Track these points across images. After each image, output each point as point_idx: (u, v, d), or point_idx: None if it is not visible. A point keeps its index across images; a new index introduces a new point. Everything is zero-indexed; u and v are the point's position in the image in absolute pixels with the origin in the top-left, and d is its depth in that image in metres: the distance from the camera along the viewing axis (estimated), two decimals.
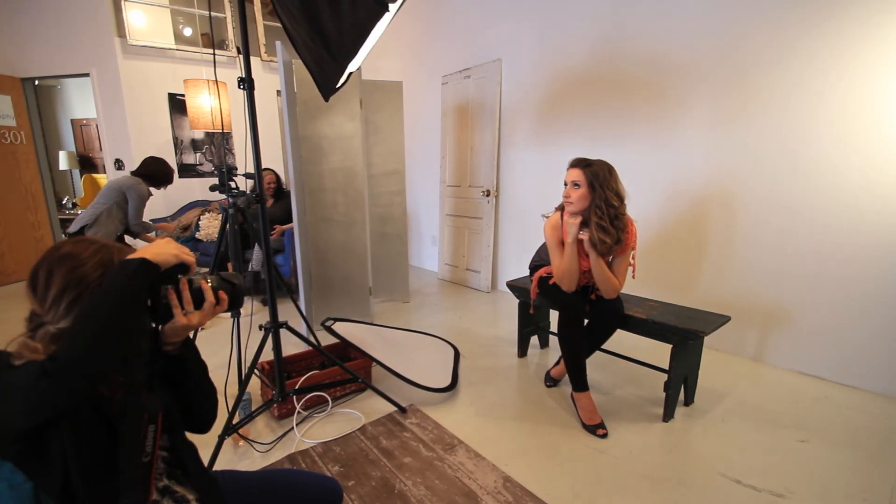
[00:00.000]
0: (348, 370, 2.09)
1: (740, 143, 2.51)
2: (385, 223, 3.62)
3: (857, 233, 2.19)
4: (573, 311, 1.98)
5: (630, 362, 2.30)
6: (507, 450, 1.81)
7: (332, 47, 1.61)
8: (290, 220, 3.41)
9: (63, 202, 6.48)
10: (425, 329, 3.01)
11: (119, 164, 4.49)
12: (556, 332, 2.04)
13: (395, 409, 2.08)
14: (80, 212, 3.52)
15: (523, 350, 2.67)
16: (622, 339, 2.34)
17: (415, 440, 1.87)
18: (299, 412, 2.03)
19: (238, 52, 5.01)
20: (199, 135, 4.80)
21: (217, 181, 2.02)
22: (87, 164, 7.00)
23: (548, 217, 2.06)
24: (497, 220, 3.98)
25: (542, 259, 2.26)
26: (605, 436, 1.88)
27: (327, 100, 2.23)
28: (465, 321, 3.31)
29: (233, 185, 2.07)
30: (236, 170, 2.12)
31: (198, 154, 4.79)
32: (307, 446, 1.83)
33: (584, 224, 1.90)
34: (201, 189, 4.79)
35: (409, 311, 3.56)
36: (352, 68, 2.08)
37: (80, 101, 6.73)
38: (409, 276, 3.88)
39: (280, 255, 3.70)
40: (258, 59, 5.00)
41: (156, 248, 0.77)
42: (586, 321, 2.11)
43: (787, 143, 2.35)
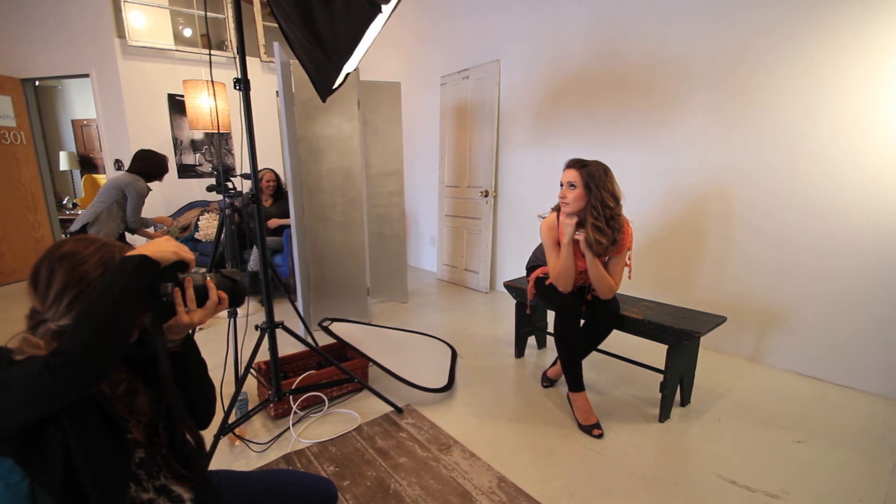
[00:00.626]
0: (344, 370, 2.09)
1: (737, 143, 2.51)
2: (383, 223, 3.62)
3: (854, 233, 2.19)
4: (569, 312, 1.98)
5: (627, 363, 2.30)
6: (502, 450, 1.82)
7: (328, 48, 1.62)
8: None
9: (63, 202, 6.49)
10: (423, 329, 3.02)
11: (119, 165, 4.50)
12: (553, 332, 2.04)
13: (391, 409, 2.09)
14: (80, 212, 3.54)
15: (520, 350, 2.67)
16: (619, 340, 2.35)
17: (410, 440, 1.88)
18: (296, 412, 2.03)
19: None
20: (198, 135, 4.81)
21: (215, 182, 2.02)
22: (88, 164, 7.01)
23: (544, 217, 2.06)
24: (495, 221, 3.99)
25: (538, 259, 2.27)
26: (600, 436, 1.88)
27: (324, 100, 2.24)
28: (463, 321, 3.32)
29: (230, 185, 2.08)
30: (233, 170, 2.13)
31: (197, 154, 4.79)
32: (303, 446, 1.83)
33: (580, 224, 1.91)
34: (200, 189, 4.79)
35: (407, 311, 3.57)
36: (349, 69, 2.08)
37: (80, 102, 6.74)
38: (408, 276, 3.88)
39: (278, 255, 3.71)
40: (257, 60, 5.01)
41: (155, 245, 0.78)
42: (582, 321, 2.11)
43: (785, 143, 2.35)
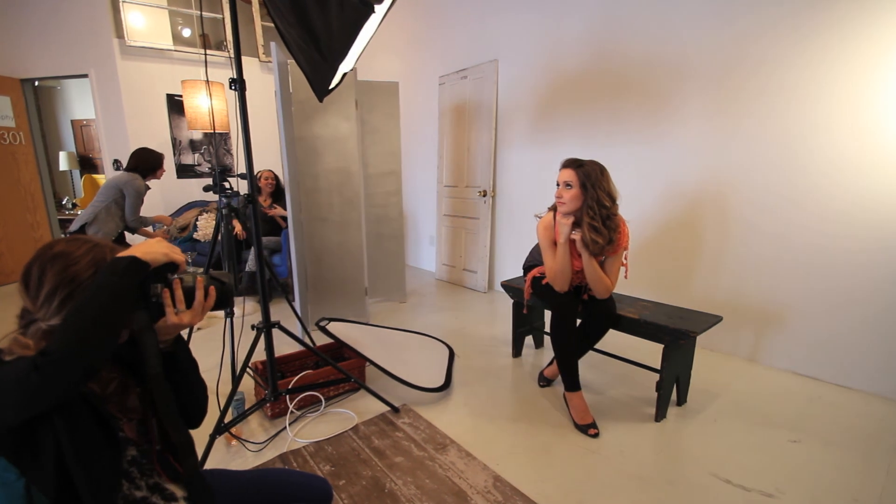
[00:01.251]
0: (341, 370, 2.10)
1: (735, 143, 2.51)
2: (381, 223, 3.63)
3: (851, 234, 2.19)
4: (566, 311, 1.98)
5: (623, 362, 2.30)
6: (498, 449, 1.82)
7: (323, 48, 1.62)
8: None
9: (63, 202, 6.50)
10: (421, 329, 3.02)
11: (117, 165, 4.51)
12: (549, 332, 2.04)
13: (388, 408, 2.09)
14: (79, 212, 3.55)
15: (518, 350, 2.67)
16: (616, 340, 2.35)
17: (407, 440, 1.88)
18: (292, 412, 2.04)
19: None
20: (197, 135, 4.81)
21: (212, 181, 2.03)
22: (88, 164, 7.02)
23: (541, 217, 2.07)
24: (494, 221, 3.99)
25: (535, 259, 2.27)
26: (596, 435, 1.88)
27: (321, 100, 2.24)
28: (461, 321, 3.32)
29: (226, 185, 2.08)
30: (229, 170, 2.13)
31: (196, 154, 4.80)
32: (299, 446, 1.84)
33: (577, 224, 1.91)
34: (199, 189, 4.79)
35: (405, 311, 3.57)
36: (346, 69, 2.09)
37: (80, 102, 6.74)
38: (407, 276, 3.89)
39: (277, 255, 3.71)
40: (256, 60, 5.01)
41: (146, 246, 0.78)
42: (579, 321, 2.11)
43: (782, 143, 2.35)
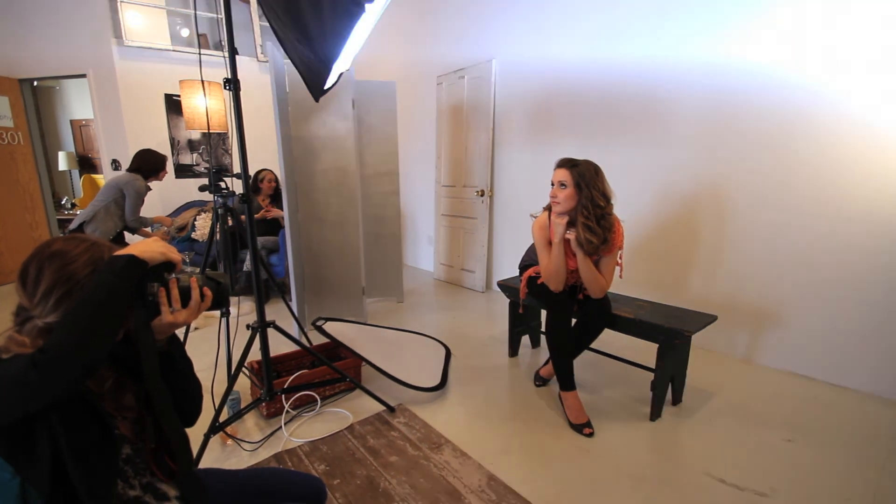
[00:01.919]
0: (336, 369, 2.10)
1: (732, 143, 2.51)
2: (379, 223, 3.63)
3: (846, 233, 2.19)
4: (560, 311, 1.99)
5: (619, 362, 2.30)
6: (493, 449, 1.82)
7: (318, 48, 1.62)
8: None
9: (62, 202, 6.51)
10: (419, 329, 3.02)
11: (116, 165, 4.52)
12: (545, 331, 2.05)
13: (383, 408, 2.09)
14: (78, 212, 3.57)
15: (514, 350, 2.67)
16: (613, 339, 2.35)
17: (402, 439, 1.88)
18: (288, 411, 2.04)
19: (236, 53, 5.03)
20: (195, 135, 4.82)
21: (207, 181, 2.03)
22: (87, 164, 7.02)
23: (536, 217, 2.07)
24: (491, 220, 3.99)
25: (531, 259, 2.27)
26: (591, 435, 1.88)
27: (318, 100, 2.25)
28: (458, 321, 3.32)
29: (222, 185, 2.08)
30: (226, 170, 2.13)
31: (194, 154, 4.80)
32: (294, 445, 1.84)
33: (571, 224, 1.91)
34: (197, 189, 4.80)
35: (403, 310, 3.57)
36: (341, 69, 2.09)
37: (79, 102, 6.75)
38: (405, 276, 3.89)
39: (275, 255, 3.71)
40: (254, 60, 5.02)
41: (143, 245, 0.79)
42: (574, 321, 2.11)
43: (777, 142, 2.35)
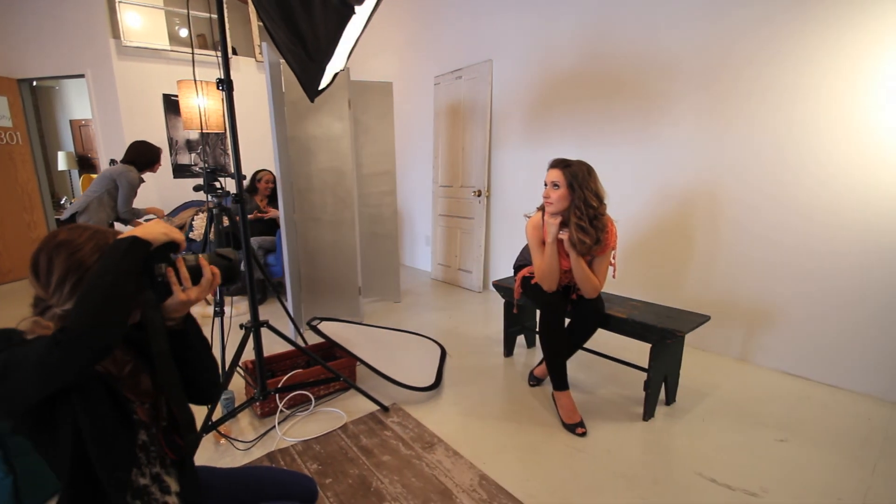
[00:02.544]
0: (330, 369, 2.10)
1: (725, 142, 2.51)
2: (376, 223, 3.63)
3: (841, 233, 2.19)
4: (554, 311, 1.99)
5: (613, 362, 2.30)
6: (486, 448, 1.82)
7: (310, 49, 1.62)
8: None
9: (62, 202, 6.52)
10: (415, 329, 3.03)
11: (114, 164, 4.52)
12: (538, 331, 2.05)
13: (377, 408, 2.10)
14: (71, 202, 3.57)
15: (509, 350, 2.68)
16: (608, 339, 2.35)
17: (395, 438, 1.89)
18: (282, 410, 2.04)
19: (234, 53, 5.04)
20: (193, 135, 4.82)
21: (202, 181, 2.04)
22: (87, 164, 7.04)
23: (529, 217, 2.07)
24: (488, 220, 4.00)
25: (525, 259, 2.27)
26: (584, 434, 1.88)
27: (313, 100, 2.25)
28: (454, 321, 3.32)
29: (217, 185, 2.09)
30: (223, 170, 2.14)
31: (192, 154, 4.81)
32: (287, 444, 1.85)
33: (564, 224, 1.91)
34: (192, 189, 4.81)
35: (399, 310, 3.58)
36: (336, 69, 2.09)
37: (78, 102, 6.77)
38: (403, 276, 3.89)
39: (272, 255, 3.72)
40: (252, 60, 5.03)
41: (145, 227, 0.81)
42: (567, 321, 2.12)
43: (772, 142, 2.35)
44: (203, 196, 4.66)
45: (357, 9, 1.22)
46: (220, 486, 1.11)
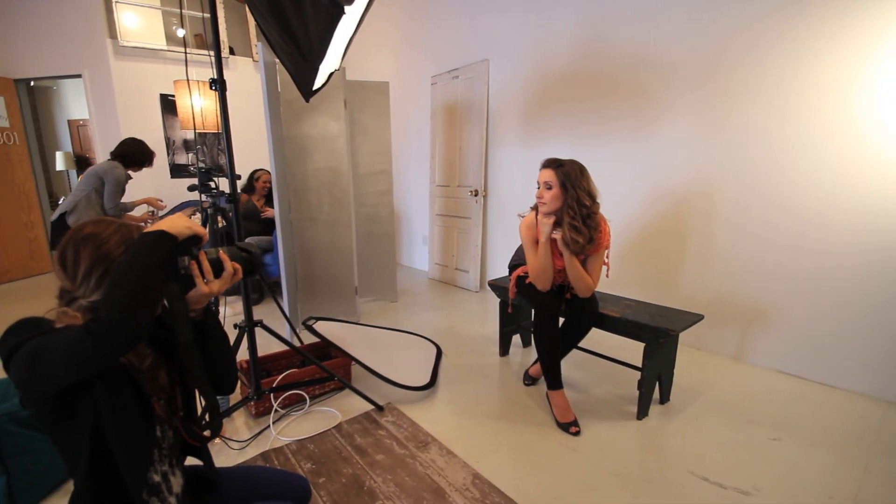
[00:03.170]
0: (325, 368, 2.11)
1: (720, 142, 2.51)
2: (372, 223, 3.63)
3: (836, 232, 2.20)
4: (548, 310, 1.99)
5: (608, 361, 2.31)
6: (480, 447, 1.83)
7: (303, 49, 1.63)
8: None
9: (59, 202, 6.51)
10: (411, 328, 3.03)
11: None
12: (533, 330, 2.05)
13: (372, 407, 2.10)
14: (60, 201, 3.55)
15: (505, 349, 2.68)
16: (603, 339, 2.36)
17: (389, 438, 1.89)
18: (276, 410, 2.05)
19: (231, 53, 5.04)
20: (191, 135, 4.83)
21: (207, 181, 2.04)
22: (85, 164, 7.02)
23: (523, 216, 2.08)
24: (485, 220, 4.00)
25: (520, 259, 2.28)
26: (577, 433, 1.89)
27: (308, 100, 2.25)
28: (451, 320, 3.33)
29: (212, 184, 2.09)
30: (219, 169, 2.14)
31: (189, 154, 4.82)
32: (282, 444, 1.85)
33: (558, 224, 1.92)
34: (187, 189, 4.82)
35: (396, 310, 3.58)
36: (331, 69, 2.09)
37: (76, 102, 6.76)
38: (400, 275, 3.89)
39: (269, 254, 3.72)
40: (250, 60, 5.03)
41: (170, 221, 0.83)
42: (562, 320, 2.12)
43: (767, 142, 2.35)
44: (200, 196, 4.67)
45: (347, 9, 1.22)
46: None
